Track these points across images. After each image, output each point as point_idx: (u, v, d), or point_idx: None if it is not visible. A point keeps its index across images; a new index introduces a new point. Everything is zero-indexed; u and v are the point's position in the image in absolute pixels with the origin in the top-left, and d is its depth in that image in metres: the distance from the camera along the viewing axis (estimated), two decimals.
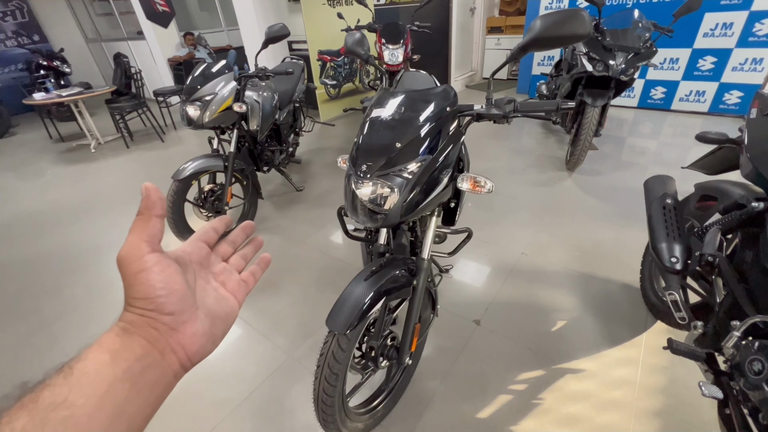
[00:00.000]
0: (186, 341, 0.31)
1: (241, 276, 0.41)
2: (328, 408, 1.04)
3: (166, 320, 0.30)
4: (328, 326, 1.02)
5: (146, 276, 0.29)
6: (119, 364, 0.27)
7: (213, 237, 0.41)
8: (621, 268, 1.95)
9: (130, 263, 0.29)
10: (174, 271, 0.31)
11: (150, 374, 0.28)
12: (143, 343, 0.29)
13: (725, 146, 1.48)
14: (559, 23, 0.89)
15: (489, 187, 1.03)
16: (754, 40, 3.43)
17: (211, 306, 0.35)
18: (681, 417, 1.28)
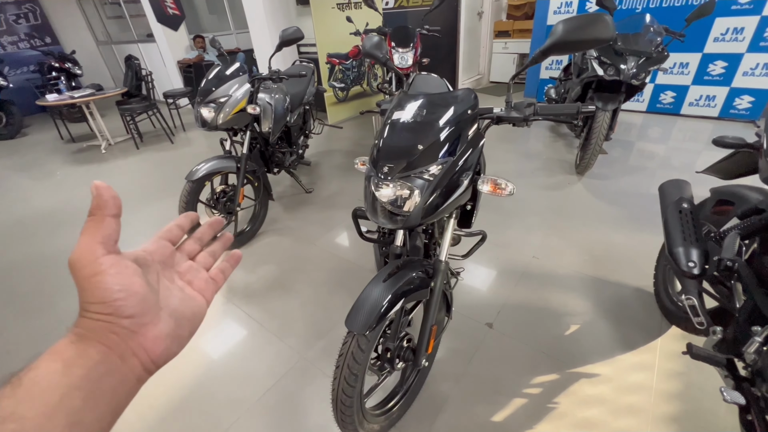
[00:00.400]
0: (149, 344, 0.30)
1: (210, 274, 0.40)
2: (347, 408, 1.04)
3: (126, 323, 0.29)
4: (347, 327, 1.02)
5: (102, 279, 0.28)
6: (74, 372, 0.26)
7: (178, 235, 0.39)
8: (633, 273, 1.94)
9: (83, 267, 0.28)
10: (132, 272, 0.30)
11: (109, 380, 0.27)
12: (101, 349, 0.27)
13: (741, 151, 1.47)
14: (582, 28, 0.89)
15: (510, 189, 1.03)
16: (765, 45, 3.41)
17: (176, 306, 0.34)
18: (698, 423, 1.27)
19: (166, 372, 1.37)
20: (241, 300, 1.99)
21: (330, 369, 1.53)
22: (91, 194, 0.30)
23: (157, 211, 2.99)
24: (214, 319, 1.88)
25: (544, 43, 0.96)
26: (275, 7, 4.14)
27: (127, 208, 3.07)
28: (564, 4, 4.27)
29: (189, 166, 2.11)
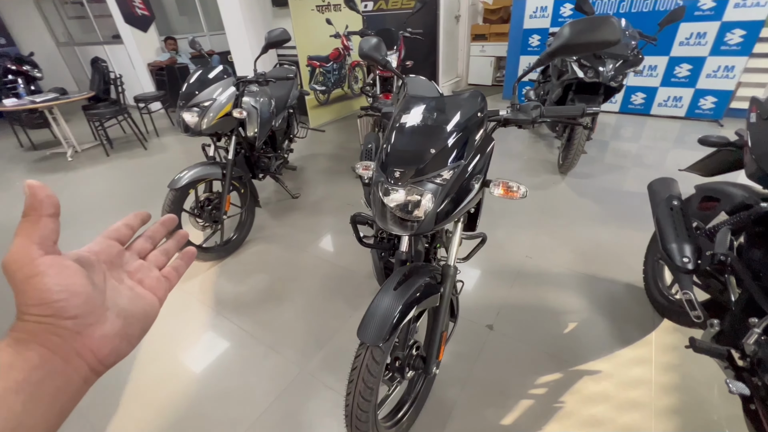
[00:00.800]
0: (95, 344, 0.30)
1: (162, 272, 0.39)
2: (362, 424, 1.00)
3: (69, 324, 0.28)
4: (360, 338, 0.98)
5: (40, 280, 0.27)
6: (11, 376, 0.25)
7: (126, 234, 0.39)
8: (623, 269, 2.00)
9: (19, 268, 0.27)
10: (73, 272, 0.30)
11: (51, 383, 0.27)
12: (41, 351, 0.27)
13: (723, 149, 1.53)
14: (589, 30, 0.90)
15: (523, 191, 1.03)
16: (725, 48, 3.63)
17: (125, 306, 0.33)
18: (699, 414, 1.31)
19: (156, 393, 1.28)
20: (231, 312, 1.90)
21: (332, 380, 1.49)
22: (24, 194, 0.29)
23: None
24: (204, 334, 1.78)
25: (552, 45, 0.96)
26: (253, 9, 4.04)
27: (103, 219, 2.89)
28: (539, 9, 4.40)
29: (165, 174, 2.01)
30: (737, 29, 3.51)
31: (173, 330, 1.81)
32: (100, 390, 1.48)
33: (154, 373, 1.61)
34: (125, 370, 1.62)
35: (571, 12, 4.21)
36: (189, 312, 1.93)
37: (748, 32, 3.48)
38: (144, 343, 1.70)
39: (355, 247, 2.34)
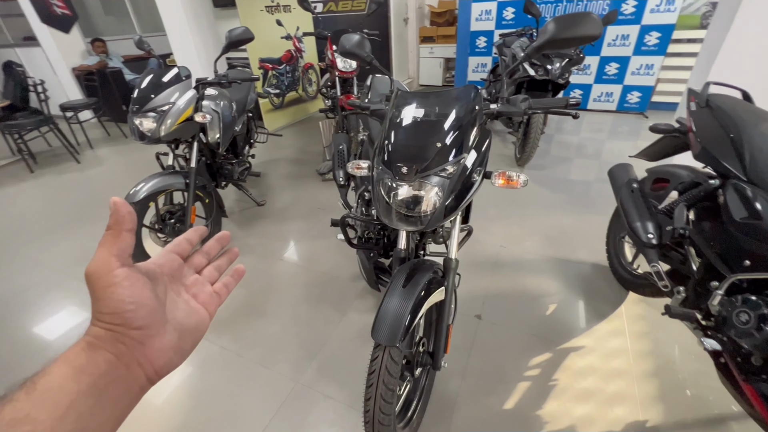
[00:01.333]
0: (153, 355, 0.31)
1: (214, 288, 0.41)
2: (385, 428, 0.98)
3: (134, 334, 0.30)
4: (376, 340, 0.96)
5: (115, 290, 0.29)
6: (83, 379, 0.27)
7: (186, 249, 0.41)
8: (587, 250, 2.16)
9: (99, 278, 0.29)
10: (143, 285, 0.32)
11: (115, 388, 0.29)
12: (109, 358, 0.29)
13: (668, 136, 1.71)
14: (572, 25, 0.96)
15: (523, 180, 1.07)
16: (645, 48, 4.09)
17: (181, 319, 0.35)
18: (673, 374, 1.45)
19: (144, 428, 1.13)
20: (210, 332, 1.76)
21: (332, 389, 1.44)
22: (110, 209, 0.31)
23: (76, 244, 2.52)
24: (190, 362, 1.63)
25: (538, 41, 1.01)
26: (196, 10, 3.79)
27: (33, 244, 2.54)
28: (484, 12, 4.63)
29: (105, 189, 1.85)
30: (654, 32, 3.97)
31: None
32: None
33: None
34: None
35: (513, 15, 4.49)
36: None
37: (662, 34, 3.95)
38: None
39: (333, 251, 2.29)
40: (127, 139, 4.69)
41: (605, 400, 1.38)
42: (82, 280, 0.27)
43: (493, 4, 4.52)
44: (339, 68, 3.18)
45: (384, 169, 0.99)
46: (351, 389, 1.46)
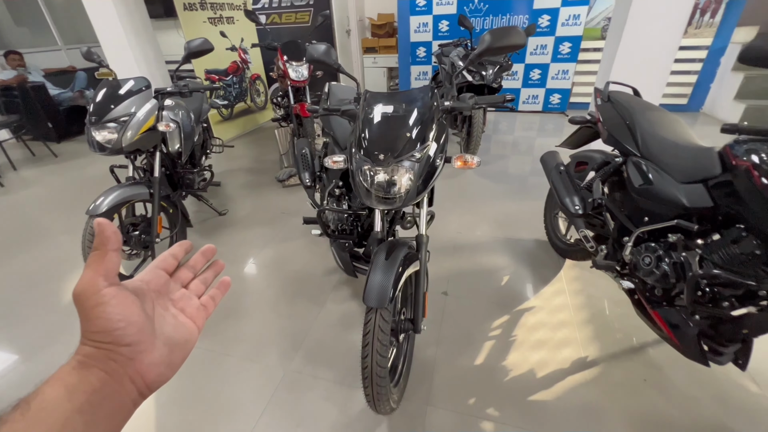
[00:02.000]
0: (144, 370, 0.32)
1: (201, 300, 0.42)
2: (382, 381, 1.12)
3: (124, 351, 0.31)
4: (368, 304, 1.11)
5: (103, 309, 0.30)
6: (77, 398, 0.27)
7: (172, 264, 0.41)
8: (529, 229, 2.48)
9: (87, 298, 0.30)
10: (131, 302, 0.32)
11: (108, 405, 0.29)
12: (101, 376, 0.29)
13: (583, 126, 2.06)
14: (504, 37, 1.20)
15: (477, 161, 1.29)
16: (561, 57, 4.70)
17: (170, 333, 0.36)
18: (604, 318, 1.77)
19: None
20: None
21: (321, 371, 1.56)
22: (95, 230, 0.33)
23: (14, 272, 2.34)
24: None
25: (477, 50, 1.25)
26: (134, 22, 3.67)
27: None
28: (422, 25, 5.00)
29: (39, 213, 1.80)
30: (566, 42, 4.59)
31: None
32: None
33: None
34: None
35: (448, 27, 4.91)
36: None
37: (573, 44, 4.58)
38: None
39: (303, 251, 2.39)
40: (56, 158, 4.33)
41: (554, 345, 1.64)
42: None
43: (429, 17, 4.91)
44: (291, 78, 3.29)
45: (363, 157, 1.15)
46: (338, 369, 1.58)
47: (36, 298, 2.09)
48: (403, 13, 5.06)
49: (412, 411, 1.40)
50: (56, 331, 1.85)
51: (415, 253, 1.30)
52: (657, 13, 2.43)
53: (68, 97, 4.90)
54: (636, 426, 1.32)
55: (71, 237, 2.66)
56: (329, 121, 2.02)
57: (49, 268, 2.35)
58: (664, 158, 1.43)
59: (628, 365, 1.54)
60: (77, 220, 2.90)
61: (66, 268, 2.35)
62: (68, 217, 2.94)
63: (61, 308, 2.00)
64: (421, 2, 4.85)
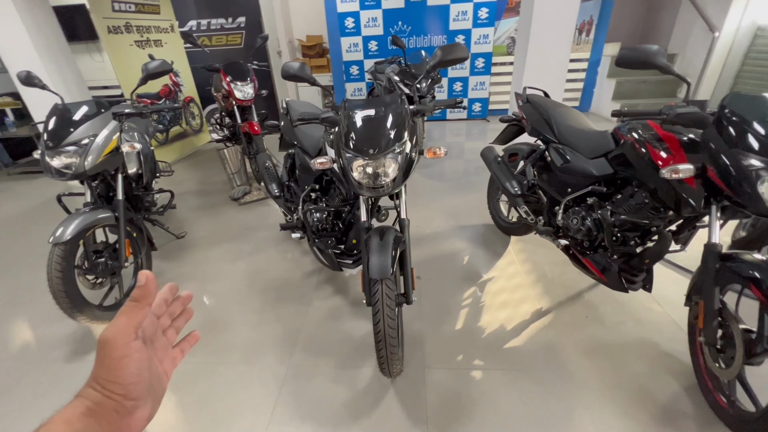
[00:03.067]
0: (134, 424, 0.33)
1: (173, 352, 0.42)
2: (394, 342, 1.31)
3: (128, 405, 0.32)
4: (375, 276, 1.29)
5: (128, 362, 0.31)
6: None
7: (163, 309, 0.41)
8: (477, 216, 2.85)
9: (116, 347, 0.30)
10: (145, 358, 0.33)
11: None
12: (105, 426, 0.30)
13: (510, 124, 2.48)
14: (452, 51, 1.50)
15: (444, 151, 1.55)
16: (477, 70, 5.37)
17: (155, 387, 0.36)
18: (549, 276, 2.15)
19: None
20: None
21: (323, 362, 1.68)
22: (138, 281, 0.34)
23: None
24: (171, 387, 1.61)
25: (431, 62, 1.53)
26: (50, 48, 3.42)
27: None
28: (352, 45, 5.34)
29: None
30: (480, 58, 5.27)
31: None
32: None
33: None
34: None
35: (377, 47, 5.31)
36: None
37: (485, 60, 5.28)
38: None
39: (276, 259, 2.46)
40: None
41: (515, 303, 1.97)
42: None
43: (358, 38, 5.27)
44: (237, 98, 3.33)
45: (354, 154, 1.35)
46: (337, 355, 1.71)
47: None
48: (333, 35, 5.36)
49: (412, 375, 1.59)
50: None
51: (400, 235, 1.51)
52: (550, 33, 3.03)
53: None
54: (586, 351, 1.67)
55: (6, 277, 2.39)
56: (294, 133, 2.16)
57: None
58: (575, 142, 1.85)
59: (572, 308, 1.91)
60: (12, 257, 2.61)
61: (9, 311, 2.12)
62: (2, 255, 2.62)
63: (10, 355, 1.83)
64: (350, 24, 5.20)
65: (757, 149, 1.11)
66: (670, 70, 1.31)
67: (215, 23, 4.96)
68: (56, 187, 3.92)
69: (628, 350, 1.66)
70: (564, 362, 1.62)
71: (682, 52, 5.10)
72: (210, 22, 4.96)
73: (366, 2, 5.03)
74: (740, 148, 1.14)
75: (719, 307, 1.28)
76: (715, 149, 1.20)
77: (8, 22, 3.19)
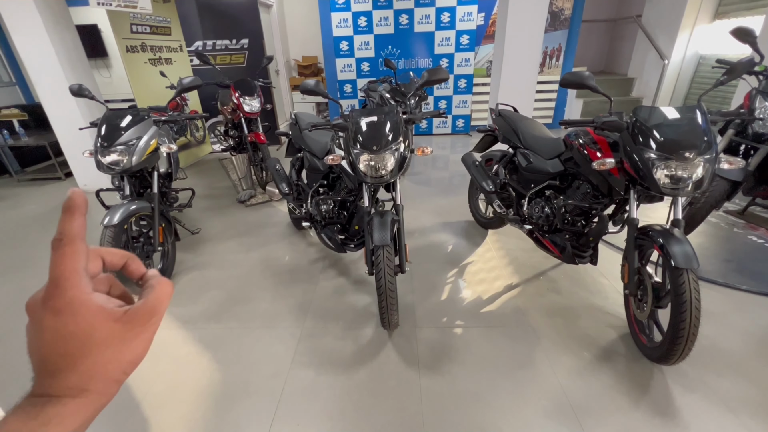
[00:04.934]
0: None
1: None
2: (393, 302, 1.67)
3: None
4: (378, 243, 1.66)
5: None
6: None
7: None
8: (459, 214, 3.26)
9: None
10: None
11: None
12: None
13: (486, 135, 2.92)
14: (437, 73, 1.93)
15: (430, 150, 1.96)
16: (460, 90, 5.91)
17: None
18: (518, 258, 2.55)
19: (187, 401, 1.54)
20: (206, 322, 2.07)
21: (332, 326, 2.01)
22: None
23: None
24: (192, 347, 1.93)
25: (420, 82, 1.96)
26: (73, 62, 3.75)
27: None
28: (346, 66, 5.83)
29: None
30: (462, 79, 5.82)
31: (166, 361, 1.86)
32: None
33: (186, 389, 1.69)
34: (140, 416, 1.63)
35: (368, 67, 5.81)
36: (160, 340, 1.96)
37: (467, 80, 5.83)
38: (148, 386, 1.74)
39: (286, 249, 2.80)
40: None
41: (491, 280, 2.35)
42: None
43: (352, 59, 5.77)
44: (246, 111, 3.72)
45: (361, 150, 1.74)
46: (344, 320, 2.05)
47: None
48: (329, 56, 5.84)
49: (406, 332, 1.94)
50: None
51: (396, 217, 1.89)
52: (520, 60, 3.54)
53: None
54: (546, 313, 2.05)
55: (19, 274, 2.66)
56: (303, 139, 2.55)
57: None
58: (536, 146, 2.29)
59: (536, 283, 2.31)
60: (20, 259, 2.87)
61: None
62: (10, 257, 2.87)
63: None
64: (344, 47, 5.69)
65: (654, 147, 1.55)
66: (597, 90, 1.76)
67: (220, 44, 5.38)
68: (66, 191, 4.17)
69: (579, 312, 2.05)
70: (529, 322, 2.00)
71: (640, 76, 5.76)
72: (215, 43, 5.37)
73: (359, 28, 5.55)
74: (643, 145, 1.57)
75: (638, 266, 1.69)
76: (628, 148, 1.63)
77: (37, 41, 3.52)
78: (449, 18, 5.45)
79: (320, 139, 2.50)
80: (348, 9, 5.47)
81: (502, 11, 3.69)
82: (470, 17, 5.42)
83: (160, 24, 4.50)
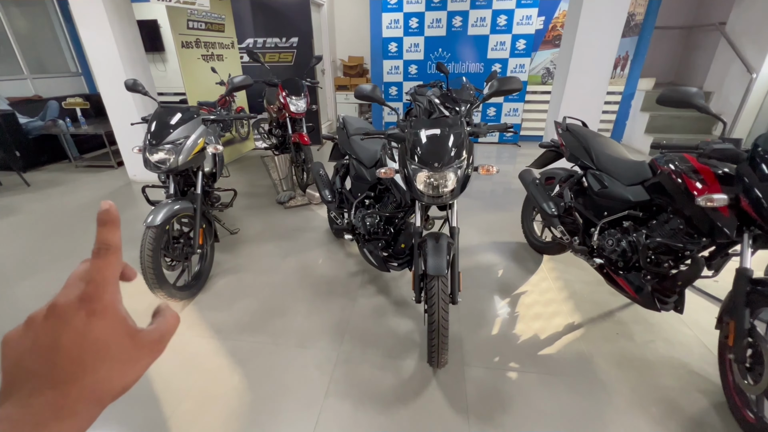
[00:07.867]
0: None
1: None
2: (446, 332, 1.48)
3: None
4: (432, 273, 1.47)
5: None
6: None
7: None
8: (509, 233, 3.00)
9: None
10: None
11: None
12: None
13: (547, 150, 2.65)
14: (508, 83, 1.71)
15: (496, 170, 1.74)
16: (512, 97, 5.58)
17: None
18: (581, 293, 2.27)
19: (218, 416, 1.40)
20: (239, 334, 1.97)
21: (371, 352, 1.85)
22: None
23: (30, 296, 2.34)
24: (222, 359, 1.83)
25: (489, 91, 1.74)
26: (132, 55, 3.86)
27: None
28: (393, 68, 5.68)
29: (32, 239, 1.95)
30: None
31: (198, 372, 1.77)
32: None
33: (210, 410, 1.59)
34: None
35: (416, 70, 5.63)
36: (193, 349, 1.89)
37: None
38: (180, 400, 1.66)
39: (324, 259, 2.67)
40: (29, 187, 4.18)
41: (548, 316, 2.09)
42: None
43: (400, 61, 5.61)
44: (291, 111, 3.65)
45: (419, 166, 1.56)
46: (383, 347, 1.88)
47: None
48: (376, 57, 5.72)
49: (453, 370, 1.74)
50: None
51: (452, 241, 1.69)
52: (589, 68, 3.22)
53: (38, 126, 4.77)
54: (615, 363, 1.77)
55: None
56: (351, 145, 2.41)
57: None
58: (612, 169, 2.01)
59: (603, 324, 2.02)
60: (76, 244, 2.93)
61: None
62: (67, 242, 2.94)
63: None
64: (393, 48, 5.55)
65: None
66: (708, 111, 1.47)
67: (270, 42, 5.40)
68: (117, 181, 4.32)
69: (658, 366, 1.75)
70: (595, 371, 1.73)
71: (719, 90, 5.17)
72: (266, 41, 5.40)
73: (410, 29, 5.37)
74: None
75: (749, 327, 1.39)
76: (748, 182, 1.34)
77: (101, 34, 3.64)
78: (506, 21, 5.15)
79: (370, 147, 2.34)
80: (400, 9, 5.31)
81: (572, 12, 3.37)
82: (529, 21, 5.09)
83: (215, 21, 4.55)
